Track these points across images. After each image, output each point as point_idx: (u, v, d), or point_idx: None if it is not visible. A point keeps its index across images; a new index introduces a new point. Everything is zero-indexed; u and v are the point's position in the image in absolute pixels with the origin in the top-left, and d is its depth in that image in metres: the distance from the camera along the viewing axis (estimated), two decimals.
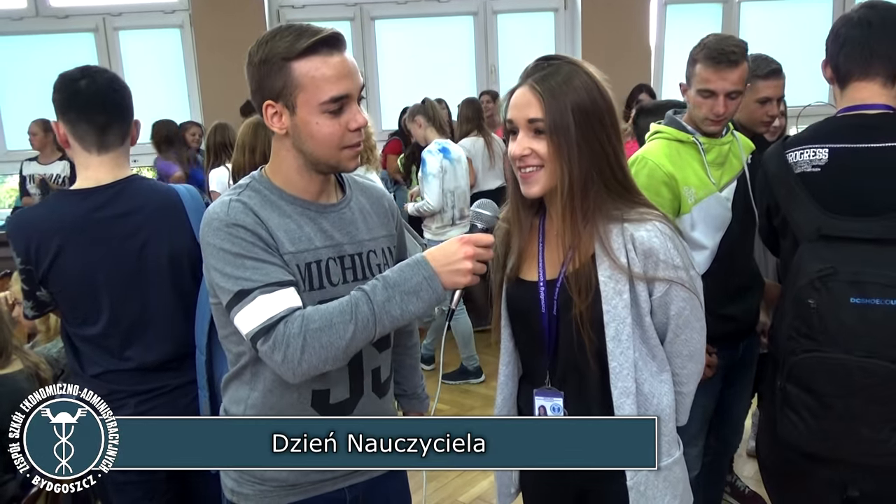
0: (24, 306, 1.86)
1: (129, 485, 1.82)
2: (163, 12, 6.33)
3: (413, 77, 6.51)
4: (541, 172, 1.37)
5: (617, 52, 6.21)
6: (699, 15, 6.59)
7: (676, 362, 1.46)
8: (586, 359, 1.40)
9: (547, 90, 1.35)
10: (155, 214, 1.79)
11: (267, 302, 1.28)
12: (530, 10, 6.58)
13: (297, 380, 1.30)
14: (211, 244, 1.33)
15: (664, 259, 1.37)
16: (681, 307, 1.41)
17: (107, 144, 1.78)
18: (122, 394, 1.78)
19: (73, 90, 1.76)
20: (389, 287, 1.28)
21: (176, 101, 6.37)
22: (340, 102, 1.34)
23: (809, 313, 1.52)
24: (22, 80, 6.28)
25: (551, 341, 1.46)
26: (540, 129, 1.35)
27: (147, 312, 1.78)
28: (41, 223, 1.75)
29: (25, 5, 6.24)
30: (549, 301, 1.44)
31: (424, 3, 6.50)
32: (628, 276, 1.37)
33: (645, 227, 1.37)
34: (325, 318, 1.26)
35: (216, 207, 1.37)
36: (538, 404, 1.48)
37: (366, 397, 1.49)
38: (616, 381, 1.39)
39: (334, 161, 1.39)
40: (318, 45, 1.32)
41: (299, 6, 6.43)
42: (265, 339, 1.27)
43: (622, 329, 1.38)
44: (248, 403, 1.44)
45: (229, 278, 1.31)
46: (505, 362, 1.56)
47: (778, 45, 6.19)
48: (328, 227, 1.43)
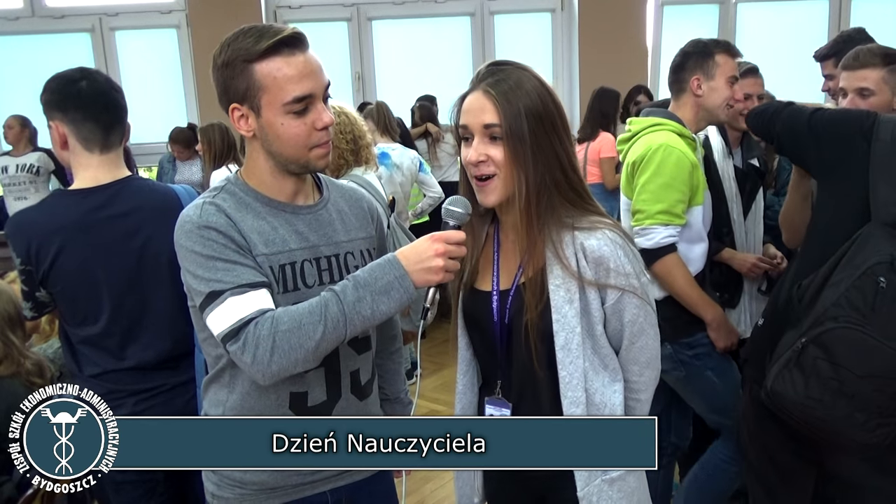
0: (24, 307, 1.85)
1: (128, 484, 1.82)
2: (159, 12, 6.32)
3: (410, 77, 6.52)
4: (497, 181, 1.35)
5: (614, 52, 6.23)
6: (696, 16, 6.61)
7: (634, 370, 1.45)
8: (535, 368, 1.39)
9: (501, 94, 1.33)
10: (154, 214, 1.79)
11: (237, 303, 1.27)
12: (527, 10, 6.59)
13: (268, 381, 1.30)
14: (184, 247, 1.33)
15: (615, 267, 1.36)
16: (634, 314, 1.40)
17: (110, 144, 1.79)
18: (121, 393, 1.78)
19: (75, 90, 1.76)
20: (360, 287, 1.28)
21: (172, 101, 6.37)
22: (305, 102, 1.33)
23: (874, 290, 1.55)
24: (18, 79, 6.26)
25: (503, 350, 1.45)
26: (496, 134, 1.33)
27: (146, 311, 1.78)
28: (42, 223, 1.75)
29: (21, 5, 6.23)
30: (502, 310, 1.43)
31: (422, 3, 6.50)
32: (579, 284, 1.36)
33: (595, 235, 1.36)
34: (295, 319, 1.26)
35: (189, 210, 1.36)
36: (488, 412, 1.47)
37: (344, 399, 1.47)
38: (566, 391, 1.38)
39: (304, 161, 1.38)
40: (279, 46, 1.31)
41: (296, 6, 6.44)
42: (235, 340, 1.27)
43: (571, 338, 1.37)
44: (226, 406, 1.43)
45: (201, 280, 1.31)
46: (463, 371, 1.55)
47: (774, 47, 6.24)
48: (303, 229, 1.42)
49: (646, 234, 2.17)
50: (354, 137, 2.62)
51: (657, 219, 2.15)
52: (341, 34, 6.49)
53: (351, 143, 2.62)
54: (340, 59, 6.48)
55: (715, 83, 2.24)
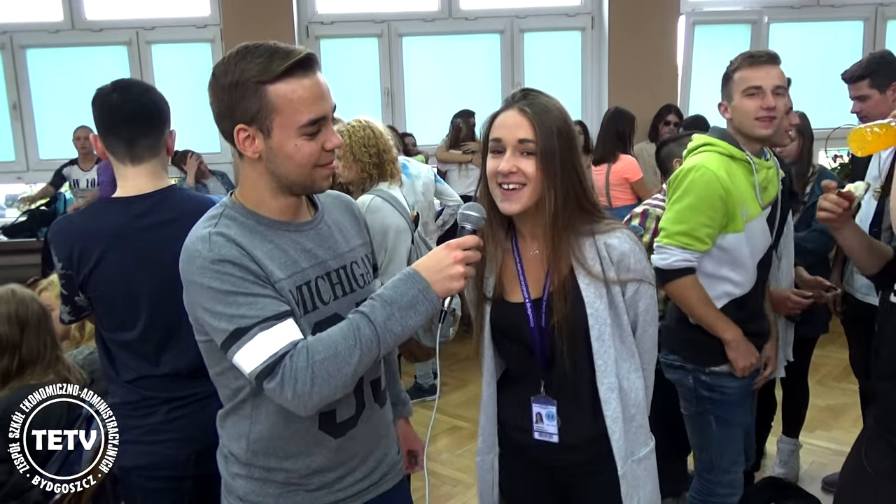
0: (62, 311, 1.89)
1: (157, 491, 1.84)
2: (194, 27, 6.43)
3: (439, 94, 6.54)
4: (524, 190, 1.47)
5: (644, 71, 6.20)
6: (727, 35, 6.55)
7: (645, 357, 1.60)
8: (574, 362, 1.53)
9: (536, 114, 1.47)
10: (194, 222, 1.81)
11: (267, 338, 1.25)
12: (557, 29, 6.59)
13: (310, 412, 1.29)
14: (196, 283, 1.29)
15: (634, 261, 1.52)
16: (648, 304, 1.57)
17: (138, 156, 1.81)
18: (155, 400, 1.80)
19: (101, 104, 1.80)
20: (387, 305, 1.27)
21: (206, 114, 6.44)
22: (318, 125, 1.32)
23: None
24: (57, 91, 6.40)
25: (544, 352, 1.56)
26: (529, 150, 1.46)
27: (183, 319, 1.77)
28: (85, 229, 1.78)
29: (62, 18, 6.38)
30: (538, 317, 1.55)
31: (452, 20, 6.54)
32: (604, 282, 1.51)
33: (615, 234, 1.52)
34: (330, 346, 1.25)
35: (197, 245, 1.31)
36: (535, 411, 1.61)
37: (368, 409, 1.49)
38: (602, 379, 1.53)
39: (308, 182, 1.37)
40: (293, 68, 1.29)
41: (328, 22, 6.51)
42: (271, 377, 1.24)
43: (604, 329, 1.52)
44: (250, 438, 1.42)
45: (222, 317, 1.27)
46: (488, 381, 1.67)
47: (807, 67, 6.17)
48: (310, 246, 1.42)
49: (661, 252, 2.14)
50: (378, 151, 2.62)
51: (675, 240, 2.11)
52: (372, 50, 6.54)
53: (375, 157, 2.61)
54: (370, 74, 6.53)
55: (735, 102, 2.18)
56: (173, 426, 1.81)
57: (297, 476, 1.44)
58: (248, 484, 1.45)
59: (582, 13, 6.56)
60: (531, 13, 6.51)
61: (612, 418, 1.54)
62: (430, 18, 6.54)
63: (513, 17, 6.51)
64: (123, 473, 1.87)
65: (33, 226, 5.98)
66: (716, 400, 2.23)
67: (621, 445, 1.54)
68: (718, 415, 2.25)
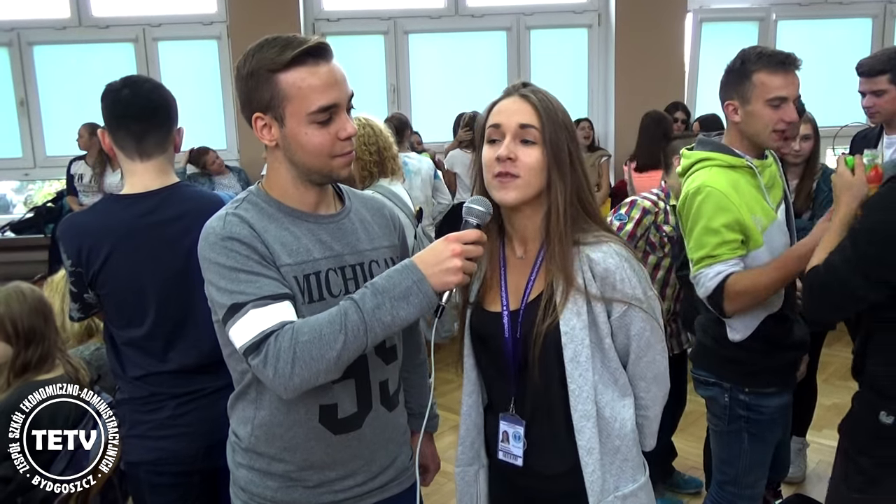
0: (71, 308, 1.89)
1: (165, 487, 1.84)
2: (201, 24, 6.44)
3: (445, 91, 6.54)
4: (520, 180, 1.35)
5: (651, 69, 6.19)
6: (735, 33, 6.53)
7: (641, 385, 1.45)
8: (548, 383, 1.39)
9: (540, 101, 1.37)
10: (201, 220, 1.81)
11: (258, 316, 1.26)
12: (564, 26, 6.58)
13: (291, 394, 1.28)
14: (207, 258, 1.33)
15: (620, 280, 1.36)
16: (641, 327, 1.39)
17: (147, 152, 1.81)
18: (162, 395, 1.80)
19: (111, 100, 1.81)
20: (378, 293, 1.25)
21: (212, 111, 6.47)
22: (329, 112, 1.33)
23: None
24: (63, 87, 6.42)
25: (515, 367, 1.43)
26: (529, 137, 1.35)
27: (190, 316, 1.80)
28: (93, 227, 1.79)
29: (69, 15, 6.39)
30: (514, 329, 1.42)
31: (458, 18, 6.54)
32: (585, 297, 1.36)
33: (601, 248, 1.37)
34: (315, 329, 1.24)
35: (213, 222, 1.36)
36: (502, 429, 1.47)
37: (374, 411, 1.47)
38: (576, 404, 1.37)
39: (326, 170, 1.38)
40: (304, 56, 1.31)
41: (334, 20, 6.51)
42: (256, 353, 1.25)
43: (580, 351, 1.36)
44: (254, 424, 1.43)
45: (224, 292, 1.29)
46: (468, 391, 1.55)
47: (815, 65, 6.14)
48: (327, 238, 1.42)
49: (697, 282, 2.03)
50: (379, 149, 2.63)
51: (701, 264, 2.00)
52: (378, 47, 6.55)
53: (375, 155, 2.63)
54: (376, 71, 6.53)
55: (752, 107, 1.97)
56: (181, 421, 1.81)
57: (296, 469, 1.43)
58: (249, 474, 1.46)
59: (588, 10, 6.55)
60: (537, 10, 6.51)
61: (587, 449, 1.38)
62: (436, 15, 6.54)
63: (519, 14, 6.50)
64: (131, 468, 1.87)
65: (40, 222, 6.01)
66: (752, 419, 2.13)
67: (596, 479, 1.38)
68: (753, 433, 2.14)
